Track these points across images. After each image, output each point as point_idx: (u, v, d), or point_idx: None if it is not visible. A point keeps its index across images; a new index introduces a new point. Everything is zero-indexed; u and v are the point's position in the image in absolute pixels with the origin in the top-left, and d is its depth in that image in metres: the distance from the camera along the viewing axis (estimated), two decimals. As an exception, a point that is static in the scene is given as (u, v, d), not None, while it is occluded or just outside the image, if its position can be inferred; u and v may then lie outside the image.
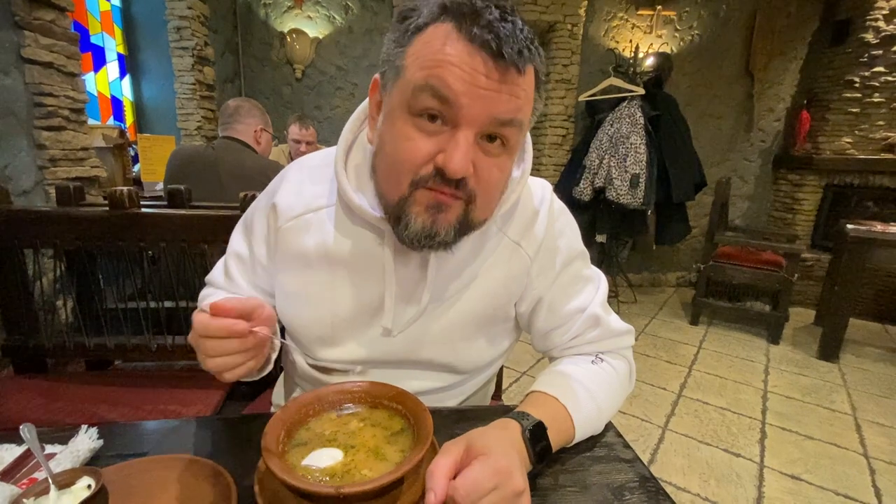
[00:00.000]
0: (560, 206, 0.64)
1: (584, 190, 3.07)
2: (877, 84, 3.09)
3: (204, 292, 0.71)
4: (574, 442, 0.56)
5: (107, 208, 1.07)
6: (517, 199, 0.58)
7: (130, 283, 1.17)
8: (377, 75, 0.53)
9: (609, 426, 0.61)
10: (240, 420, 0.61)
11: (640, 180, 2.83)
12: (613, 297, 3.39)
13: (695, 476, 1.62)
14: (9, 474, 0.47)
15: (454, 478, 0.42)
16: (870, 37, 3.05)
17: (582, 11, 3.17)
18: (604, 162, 2.97)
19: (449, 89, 0.45)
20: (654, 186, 2.88)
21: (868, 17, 3.05)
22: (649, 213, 3.02)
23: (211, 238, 1.09)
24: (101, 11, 2.28)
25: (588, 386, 0.58)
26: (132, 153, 2.29)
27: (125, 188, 1.08)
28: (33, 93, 1.36)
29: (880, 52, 3.04)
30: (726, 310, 3.06)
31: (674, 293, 3.76)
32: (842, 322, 2.54)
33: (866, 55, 3.08)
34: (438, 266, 0.58)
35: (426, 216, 0.50)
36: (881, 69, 3.05)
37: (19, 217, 1.07)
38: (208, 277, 0.72)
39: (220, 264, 0.71)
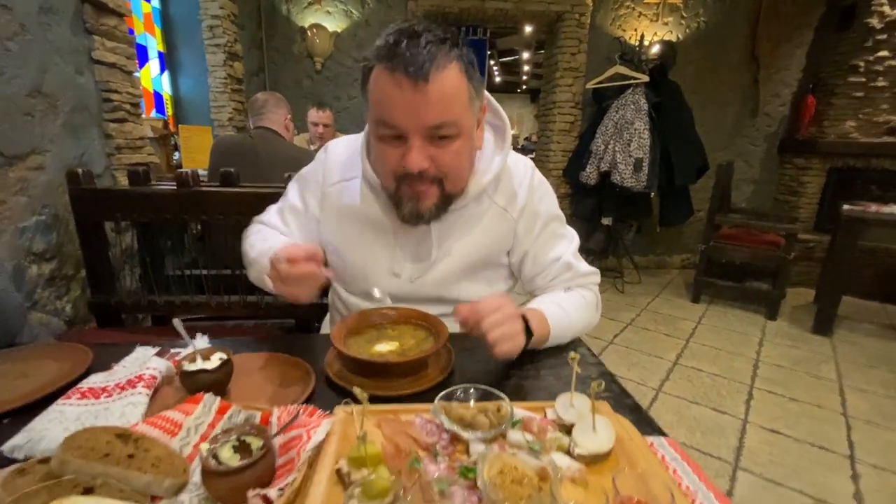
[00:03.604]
0: (540, 178, 0.84)
1: (590, 174, 3.22)
2: (881, 69, 3.15)
3: (256, 227, 0.90)
4: (550, 341, 0.74)
5: (174, 187, 1.28)
6: (500, 173, 0.77)
7: (192, 250, 1.39)
8: None
9: (580, 342, 0.80)
10: (306, 337, 0.81)
11: (644, 164, 2.97)
12: (619, 278, 3.54)
13: (682, 429, 1.80)
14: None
15: None
16: (875, 22, 3.10)
17: (589, 1, 3.28)
18: (609, 147, 3.11)
19: (389, 116, 0.64)
20: (656, 170, 3.01)
21: (873, 3, 3.10)
22: (652, 196, 3.15)
23: (260, 212, 1.29)
24: (144, 13, 2.50)
25: (560, 303, 0.78)
26: (173, 142, 2.51)
27: (189, 170, 1.29)
28: (102, 90, 1.57)
29: (884, 36, 3.09)
30: (727, 288, 3.20)
31: (678, 275, 3.89)
32: (836, 297, 2.66)
33: (871, 40, 3.14)
34: (440, 229, 0.78)
35: (412, 204, 0.72)
36: (885, 54, 3.11)
37: (103, 196, 1.29)
38: (260, 217, 0.92)
39: (275, 212, 0.91)
